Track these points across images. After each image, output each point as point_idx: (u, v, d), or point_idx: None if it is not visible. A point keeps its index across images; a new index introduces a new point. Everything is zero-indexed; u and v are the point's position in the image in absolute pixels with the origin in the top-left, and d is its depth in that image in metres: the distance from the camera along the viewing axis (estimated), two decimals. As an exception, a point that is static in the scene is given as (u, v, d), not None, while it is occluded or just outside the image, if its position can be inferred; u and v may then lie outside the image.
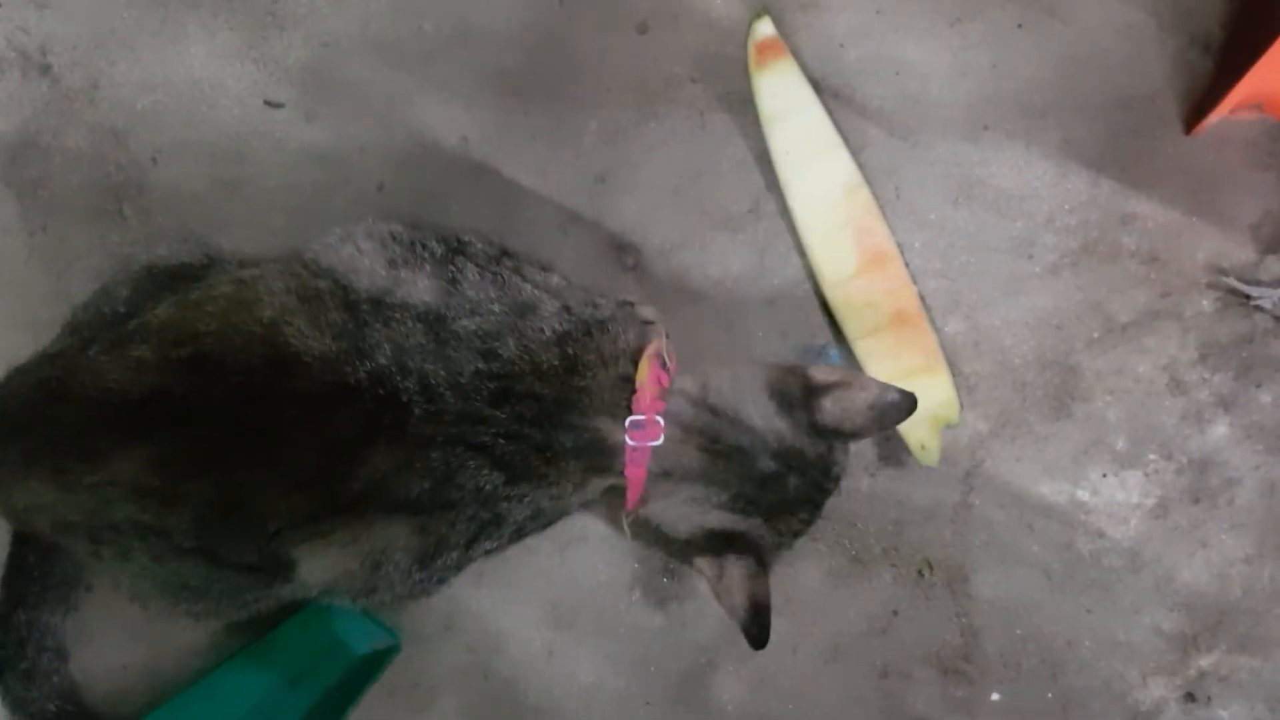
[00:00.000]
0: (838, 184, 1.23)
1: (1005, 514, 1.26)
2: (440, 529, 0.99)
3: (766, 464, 1.00)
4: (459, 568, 1.04)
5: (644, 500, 1.04)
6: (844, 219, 1.23)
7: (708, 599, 1.25)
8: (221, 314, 0.95)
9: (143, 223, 1.27)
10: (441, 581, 1.05)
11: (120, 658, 1.26)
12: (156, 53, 1.28)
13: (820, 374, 1.02)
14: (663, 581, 1.27)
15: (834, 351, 1.26)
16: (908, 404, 0.99)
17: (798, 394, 1.01)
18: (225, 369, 0.93)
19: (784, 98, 1.23)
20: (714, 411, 1.01)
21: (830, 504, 1.06)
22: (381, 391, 0.93)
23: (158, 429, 0.93)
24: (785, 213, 1.25)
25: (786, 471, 1.00)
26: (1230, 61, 1.17)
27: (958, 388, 1.24)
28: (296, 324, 0.94)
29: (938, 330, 1.25)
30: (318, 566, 0.98)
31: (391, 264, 0.99)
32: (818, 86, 1.25)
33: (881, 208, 1.25)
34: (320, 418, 0.93)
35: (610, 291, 1.11)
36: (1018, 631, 1.26)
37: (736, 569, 1.02)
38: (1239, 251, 1.25)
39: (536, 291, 1.03)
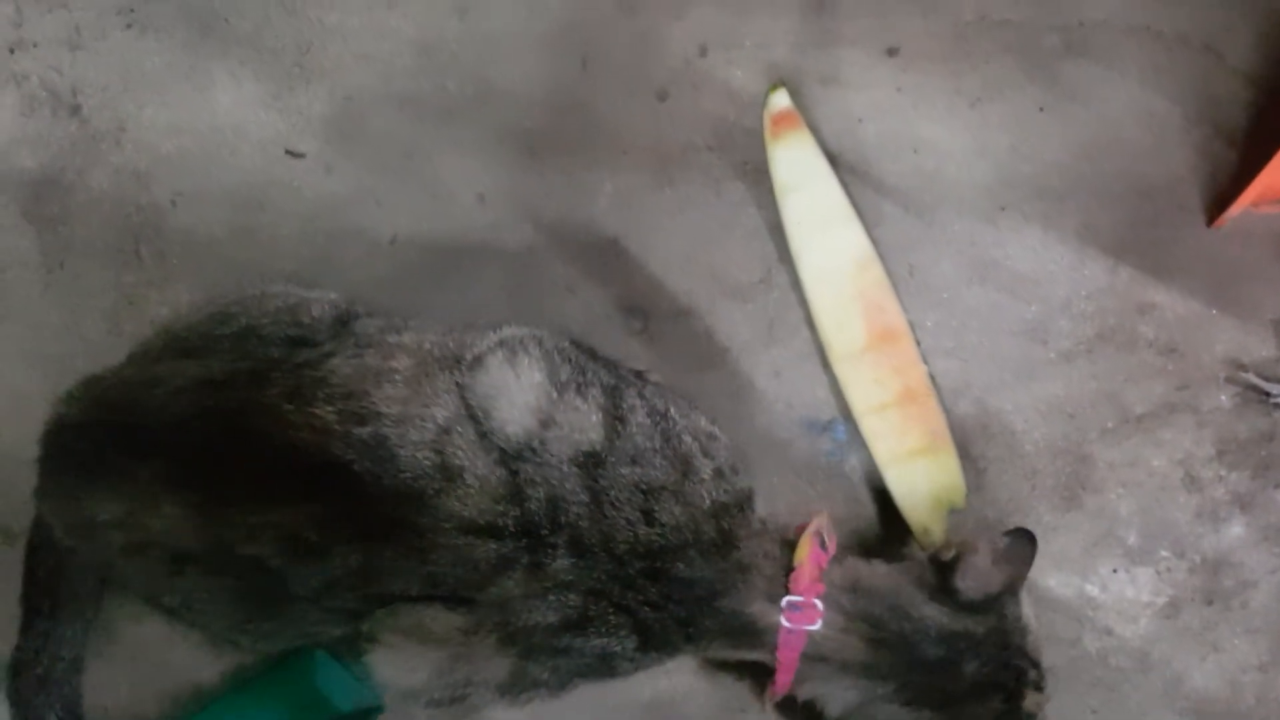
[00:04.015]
0: (850, 258, 1.22)
1: (1010, 604, 1.22)
2: (540, 674, 0.97)
3: (933, 650, 0.96)
4: (537, 700, 1.01)
5: (797, 682, 0.99)
6: (855, 293, 1.21)
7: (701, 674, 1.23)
8: (401, 400, 0.95)
9: (157, 265, 1.28)
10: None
11: (118, 678, 1.22)
12: (184, 98, 1.30)
13: (939, 554, 1.00)
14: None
15: (841, 427, 1.24)
16: (1026, 538, 0.99)
17: (934, 579, 0.98)
18: (398, 465, 0.93)
19: (798, 169, 1.23)
20: (871, 597, 0.98)
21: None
22: (527, 540, 0.93)
23: (330, 493, 0.94)
24: (796, 284, 1.24)
25: (958, 657, 0.96)
26: (1254, 154, 1.16)
27: (965, 471, 1.21)
28: (466, 436, 0.94)
29: (946, 411, 1.22)
30: (396, 660, 0.98)
31: (561, 387, 0.97)
32: (835, 161, 1.25)
33: (894, 284, 1.23)
34: (467, 541, 0.93)
35: (625, 360, 1.12)
36: (1019, 728, 1.22)
37: None
38: (1260, 347, 1.22)
39: (693, 443, 0.99)
